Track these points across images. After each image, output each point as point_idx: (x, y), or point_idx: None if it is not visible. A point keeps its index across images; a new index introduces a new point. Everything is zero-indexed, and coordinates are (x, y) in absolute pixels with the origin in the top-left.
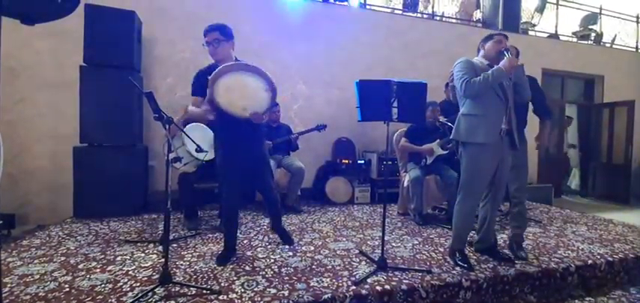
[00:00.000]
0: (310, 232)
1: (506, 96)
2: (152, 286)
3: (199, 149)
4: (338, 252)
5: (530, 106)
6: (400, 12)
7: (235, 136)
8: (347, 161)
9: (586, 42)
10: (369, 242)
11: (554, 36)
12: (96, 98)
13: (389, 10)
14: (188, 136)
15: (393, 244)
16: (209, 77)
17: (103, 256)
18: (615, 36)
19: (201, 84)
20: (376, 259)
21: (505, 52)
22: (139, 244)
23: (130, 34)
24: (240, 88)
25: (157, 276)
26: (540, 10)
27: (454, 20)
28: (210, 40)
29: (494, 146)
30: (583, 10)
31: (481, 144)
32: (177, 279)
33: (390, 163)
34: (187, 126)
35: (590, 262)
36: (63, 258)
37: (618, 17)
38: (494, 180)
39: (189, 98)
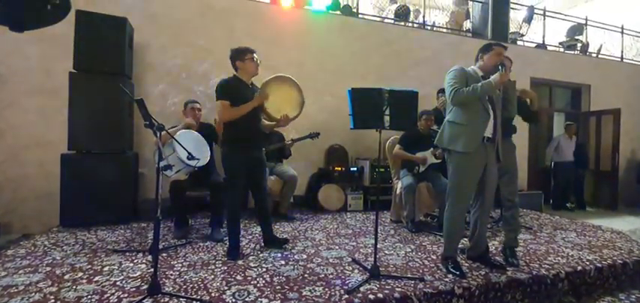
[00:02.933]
0: (303, 239)
1: (493, 108)
2: (140, 297)
3: (191, 156)
4: (331, 260)
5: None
6: (392, 21)
7: (247, 139)
8: (340, 168)
9: (572, 52)
10: (361, 250)
11: (542, 46)
12: (85, 105)
13: (380, 19)
14: (179, 144)
15: (386, 252)
16: (265, 80)
17: (89, 266)
18: (601, 46)
19: (227, 91)
20: (369, 267)
21: (500, 67)
22: (127, 253)
23: (121, 40)
24: (285, 93)
25: (145, 286)
26: (528, 20)
27: (445, 30)
28: (255, 60)
29: (476, 154)
30: (569, 20)
31: (462, 152)
32: (167, 289)
33: (382, 170)
34: (178, 133)
35: (579, 268)
36: (48, 268)
37: (603, 28)
38: (482, 186)
39: (181, 105)
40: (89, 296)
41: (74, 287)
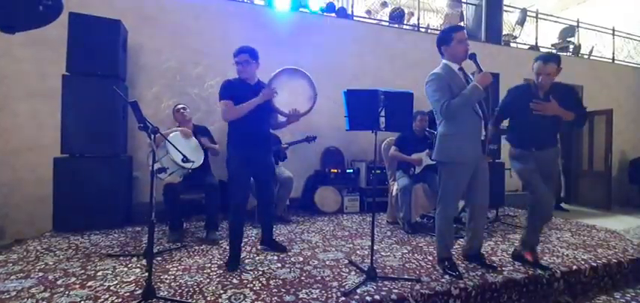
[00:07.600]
0: (299, 242)
1: (482, 109)
2: (135, 302)
3: (185, 159)
4: (327, 262)
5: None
6: (387, 24)
7: (251, 140)
8: (336, 170)
9: (565, 53)
10: (358, 252)
11: (535, 48)
12: (79, 108)
13: (375, 22)
14: (174, 146)
15: (383, 254)
16: (274, 73)
17: (83, 271)
18: (592, 48)
19: (228, 90)
20: (366, 269)
21: (471, 59)
22: (121, 257)
23: (115, 43)
24: (292, 87)
25: (139, 291)
26: (521, 23)
27: (439, 32)
28: (240, 61)
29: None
30: (561, 23)
31: (459, 162)
32: (162, 294)
33: (378, 171)
34: (171, 135)
35: (575, 267)
36: (41, 274)
37: (595, 30)
38: (473, 188)
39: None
40: (82, 301)
41: (67, 293)
